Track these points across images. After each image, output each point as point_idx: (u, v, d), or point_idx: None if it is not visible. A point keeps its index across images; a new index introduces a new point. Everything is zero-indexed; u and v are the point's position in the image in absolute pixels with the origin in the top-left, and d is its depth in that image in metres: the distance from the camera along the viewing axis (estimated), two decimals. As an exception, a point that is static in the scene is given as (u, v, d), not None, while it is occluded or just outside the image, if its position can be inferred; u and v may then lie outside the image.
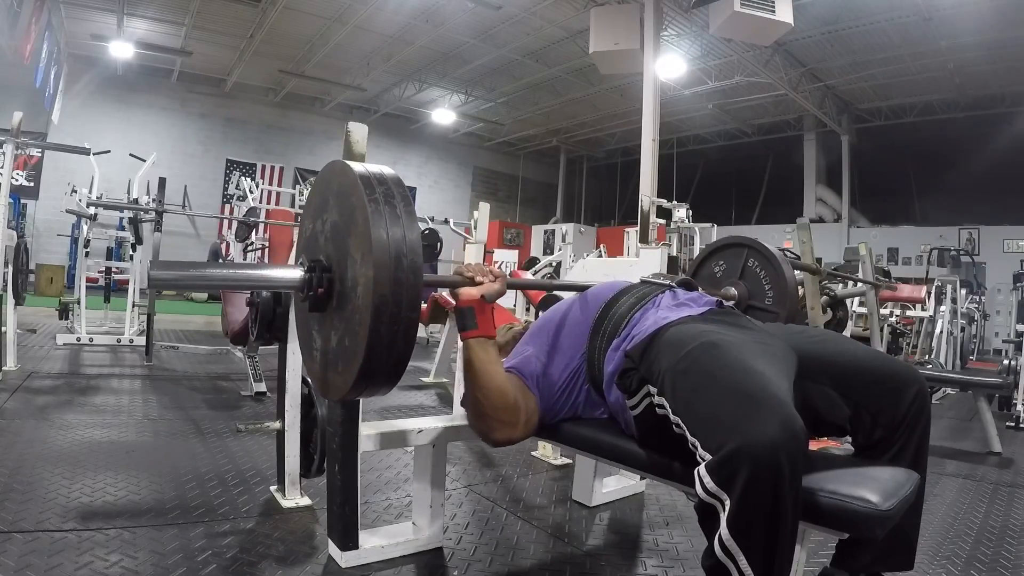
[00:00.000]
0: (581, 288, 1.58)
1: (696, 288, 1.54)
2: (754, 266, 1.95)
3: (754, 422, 0.94)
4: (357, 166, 1.07)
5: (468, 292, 1.27)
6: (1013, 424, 3.99)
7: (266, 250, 6.82)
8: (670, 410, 1.11)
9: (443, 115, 14.04)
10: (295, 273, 1.10)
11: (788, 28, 6.77)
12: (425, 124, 14.91)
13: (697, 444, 1.01)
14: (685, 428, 1.06)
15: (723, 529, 0.92)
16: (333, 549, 1.66)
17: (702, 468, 0.97)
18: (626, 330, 1.34)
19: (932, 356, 5.69)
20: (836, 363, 1.25)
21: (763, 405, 0.97)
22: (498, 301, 1.37)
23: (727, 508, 0.92)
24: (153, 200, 5.03)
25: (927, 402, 1.23)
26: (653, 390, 1.17)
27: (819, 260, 4.02)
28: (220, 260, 12.00)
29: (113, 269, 5.84)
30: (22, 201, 10.77)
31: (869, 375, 1.23)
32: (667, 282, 1.48)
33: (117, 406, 3.16)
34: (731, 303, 1.93)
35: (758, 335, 1.27)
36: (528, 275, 4.52)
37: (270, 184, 12.44)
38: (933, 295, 6.26)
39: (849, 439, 1.28)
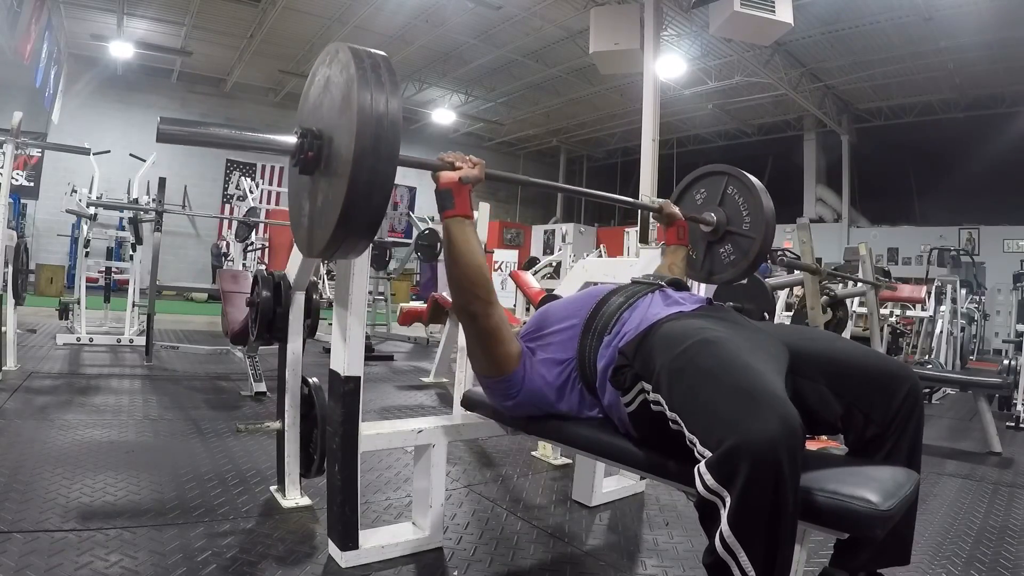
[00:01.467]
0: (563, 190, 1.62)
1: (687, 288, 1.55)
2: (733, 193, 2.00)
3: (753, 418, 0.94)
4: (350, 45, 1.18)
5: (447, 175, 1.35)
6: (1013, 424, 3.99)
7: (266, 250, 6.82)
8: (667, 407, 1.11)
9: (443, 115, 14.04)
10: (290, 139, 1.22)
11: (788, 28, 6.77)
12: (425, 124, 14.91)
13: (696, 441, 1.01)
14: (683, 425, 1.06)
15: (723, 526, 0.92)
16: (333, 549, 1.66)
17: (702, 465, 0.97)
18: (616, 327, 1.35)
19: (932, 356, 5.69)
20: (829, 360, 1.25)
21: (762, 401, 0.97)
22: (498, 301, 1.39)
23: (727, 505, 0.92)
24: (153, 200, 5.03)
25: (920, 399, 1.23)
26: (648, 387, 1.18)
27: (819, 260, 4.02)
28: (222, 258, 12.04)
29: (113, 269, 5.84)
30: (22, 201, 10.78)
31: (861, 373, 1.23)
32: (658, 282, 1.49)
33: (117, 406, 3.16)
34: (710, 228, 2.00)
35: (750, 331, 1.28)
36: (528, 275, 4.53)
37: (270, 184, 12.44)
38: (933, 295, 6.26)
39: (843, 437, 1.28)
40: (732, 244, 2.00)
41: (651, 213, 1.94)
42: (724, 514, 0.93)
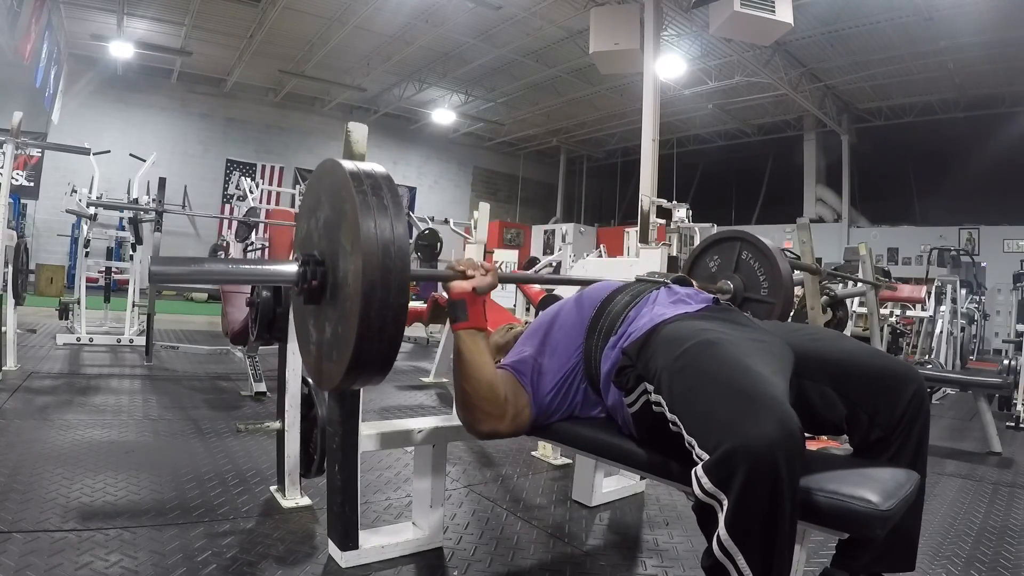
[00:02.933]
0: (573, 282, 1.58)
1: (692, 284, 1.54)
2: (748, 259, 1.97)
3: (751, 421, 0.94)
4: (346, 163, 1.11)
5: (459, 285, 1.29)
6: (1013, 424, 3.99)
7: (266, 250, 6.81)
8: (667, 408, 1.11)
9: (443, 115, 14.04)
10: (291, 268, 1.15)
11: (788, 28, 6.78)
12: (425, 124, 14.91)
13: (694, 443, 1.01)
14: (682, 427, 1.06)
15: (721, 529, 0.92)
16: (333, 549, 1.65)
17: (699, 468, 0.96)
18: (622, 327, 1.34)
19: (932, 356, 5.69)
20: (833, 361, 1.24)
21: (760, 404, 0.97)
22: (498, 301, 1.39)
23: (725, 508, 0.92)
24: (153, 200, 5.03)
25: (926, 401, 1.22)
26: (650, 387, 1.17)
27: (819, 260, 4.02)
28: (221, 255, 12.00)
29: (113, 269, 5.84)
30: (22, 201, 10.77)
31: (867, 374, 1.22)
32: (662, 279, 1.49)
33: (117, 406, 3.16)
34: (727, 297, 1.95)
35: (755, 332, 1.27)
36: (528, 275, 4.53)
37: (270, 184, 12.44)
38: (933, 295, 6.25)
39: (848, 438, 1.28)
40: (751, 311, 1.94)
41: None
42: (721, 517, 0.92)
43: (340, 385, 1.11)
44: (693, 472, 0.97)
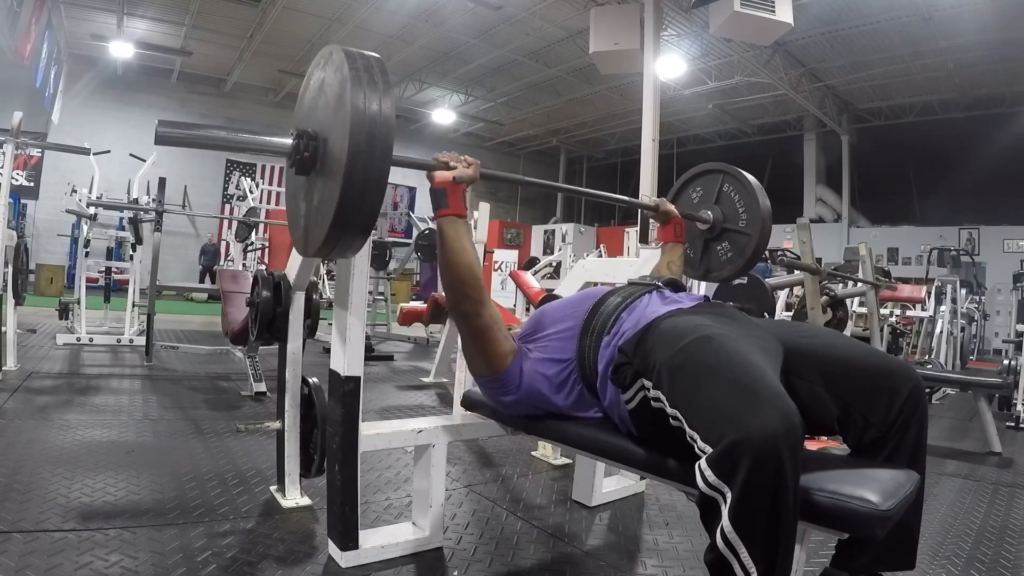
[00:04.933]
0: (556, 189, 1.63)
1: (683, 288, 1.55)
2: (729, 191, 2.01)
3: (754, 414, 0.94)
4: (344, 47, 1.19)
5: (442, 174, 1.36)
6: (1013, 424, 3.99)
7: (266, 250, 6.81)
8: (667, 403, 1.11)
9: (443, 115, 14.04)
10: (286, 140, 1.24)
11: (788, 28, 6.77)
12: (425, 124, 14.91)
13: (696, 437, 1.01)
14: (684, 421, 1.06)
15: (724, 522, 0.93)
16: (333, 549, 1.65)
17: (703, 461, 0.97)
18: (615, 327, 1.35)
19: (932, 356, 5.69)
20: (826, 360, 1.23)
21: (762, 397, 0.97)
22: (499, 301, 1.40)
23: (728, 501, 0.92)
24: (153, 200, 5.03)
25: (923, 400, 1.20)
26: (648, 383, 1.17)
27: (819, 260, 4.02)
28: (215, 257, 12.00)
29: (113, 269, 5.84)
30: (22, 201, 10.77)
31: (861, 373, 1.21)
32: (655, 283, 1.49)
33: (117, 406, 3.16)
34: (707, 226, 2.01)
35: (748, 328, 1.27)
36: (528, 275, 4.52)
37: (270, 184, 12.43)
38: (933, 295, 6.25)
39: (842, 439, 1.27)
40: (729, 242, 2.00)
41: (648, 211, 1.94)
42: (725, 510, 0.93)
43: (323, 247, 1.18)
44: (697, 465, 0.98)
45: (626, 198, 2.07)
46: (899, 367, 1.24)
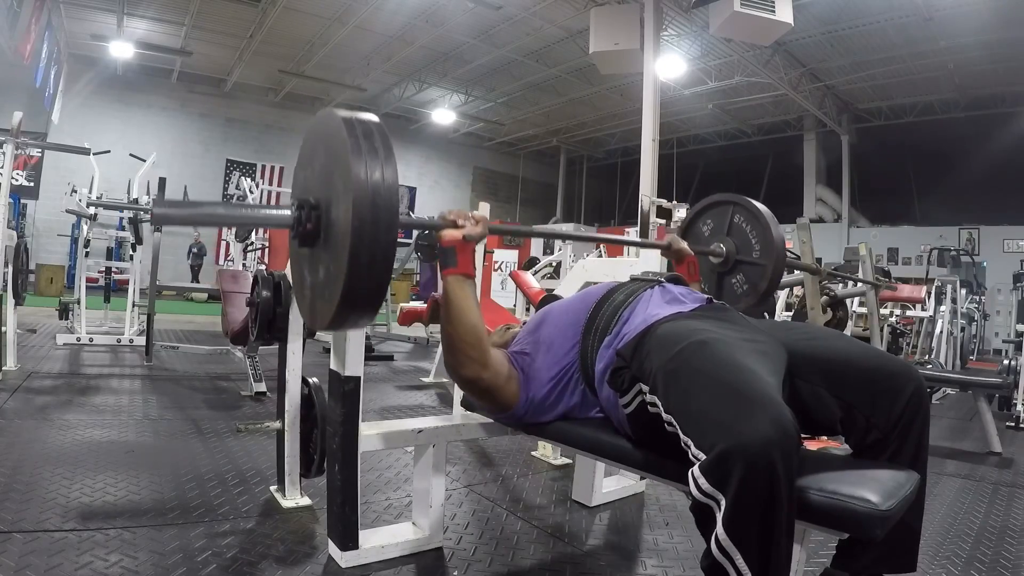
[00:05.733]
0: (557, 236, 1.61)
1: (686, 283, 1.55)
2: (740, 222, 1.97)
3: (746, 421, 0.94)
4: (341, 111, 1.16)
5: (451, 233, 1.33)
6: (1013, 424, 3.99)
7: (266, 250, 6.81)
8: (662, 409, 1.11)
9: (443, 115, 14.05)
10: (286, 212, 1.20)
11: (788, 28, 6.78)
12: (425, 124, 14.92)
13: (690, 443, 1.01)
14: (678, 427, 1.06)
15: (719, 529, 0.92)
16: (333, 549, 1.65)
17: (696, 469, 0.96)
18: (616, 327, 1.35)
19: (932, 356, 5.69)
20: (828, 361, 1.23)
21: (755, 403, 0.96)
22: (498, 301, 1.39)
23: (722, 508, 0.92)
24: (153, 200, 5.02)
25: (925, 401, 1.20)
26: (645, 388, 1.17)
27: (819, 260, 4.03)
28: (201, 256, 11.92)
29: (113, 269, 5.84)
30: (22, 201, 10.77)
31: (863, 374, 1.21)
32: (656, 278, 1.49)
33: (117, 406, 3.16)
34: (720, 259, 1.97)
35: (748, 332, 1.26)
36: (528, 275, 4.53)
37: (270, 184, 12.45)
38: (933, 295, 6.25)
39: (845, 440, 1.27)
40: (743, 274, 1.97)
41: (661, 250, 1.92)
42: (719, 517, 0.92)
43: (332, 323, 1.15)
44: (690, 472, 0.97)
45: (638, 240, 2.05)
46: (901, 368, 1.24)
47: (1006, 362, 3.93)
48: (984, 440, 3.40)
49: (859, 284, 4.69)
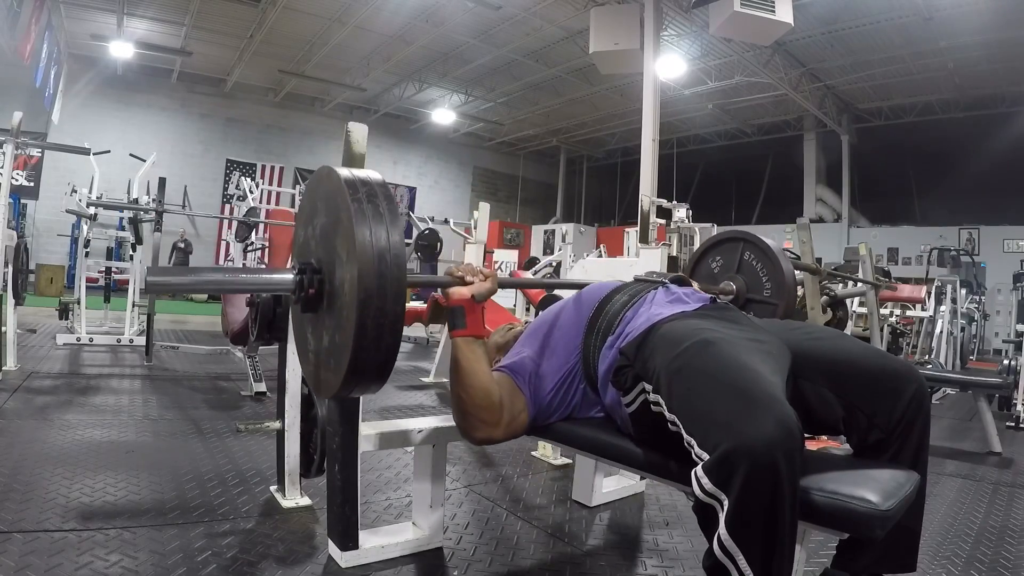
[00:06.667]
0: (573, 286, 1.58)
1: (690, 284, 1.54)
2: (751, 259, 1.95)
3: (750, 421, 0.93)
4: (342, 170, 1.10)
5: (458, 292, 1.28)
6: (1013, 424, 3.99)
7: (266, 250, 6.81)
8: (665, 408, 1.10)
9: (443, 115, 14.04)
10: (288, 276, 1.14)
11: (788, 28, 6.78)
12: (425, 124, 14.91)
13: (693, 443, 1.01)
14: (681, 427, 1.06)
15: (722, 529, 0.92)
16: (333, 549, 1.66)
17: (699, 469, 0.96)
18: (620, 327, 1.34)
19: (932, 356, 5.69)
20: (831, 361, 1.23)
21: (759, 403, 0.96)
22: (498, 301, 1.39)
23: (725, 508, 0.92)
24: (153, 200, 5.02)
25: (926, 401, 1.20)
26: (648, 387, 1.17)
27: (819, 260, 4.03)
28: (187, 253, 11.75)
29: (113, 269, 5.84)
30: (22, 201, 10.77)
31: (866, 374, 1.21)
32: (660, 279, 1.48)
33: (117, 406, 3.16)
34: (729, 298, 1.93)
35: (752, 332, 1.26)
36: (527, 275, 4.52)
37: (270, 184, 12.44)
38: (933, 295, 6.26)
39: (846, 439, 1.27)
40: (754, 313, 1.92)
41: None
42: (722, 517, 0.92)
43: (338, 393, 1.11)
44: (693, 473, 0.97)
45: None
46: (903, 369, 1.24)
47: (1006, 362, 3.93)
48: (984, 440, 3.40)
49: (859, 284, 4.69)
